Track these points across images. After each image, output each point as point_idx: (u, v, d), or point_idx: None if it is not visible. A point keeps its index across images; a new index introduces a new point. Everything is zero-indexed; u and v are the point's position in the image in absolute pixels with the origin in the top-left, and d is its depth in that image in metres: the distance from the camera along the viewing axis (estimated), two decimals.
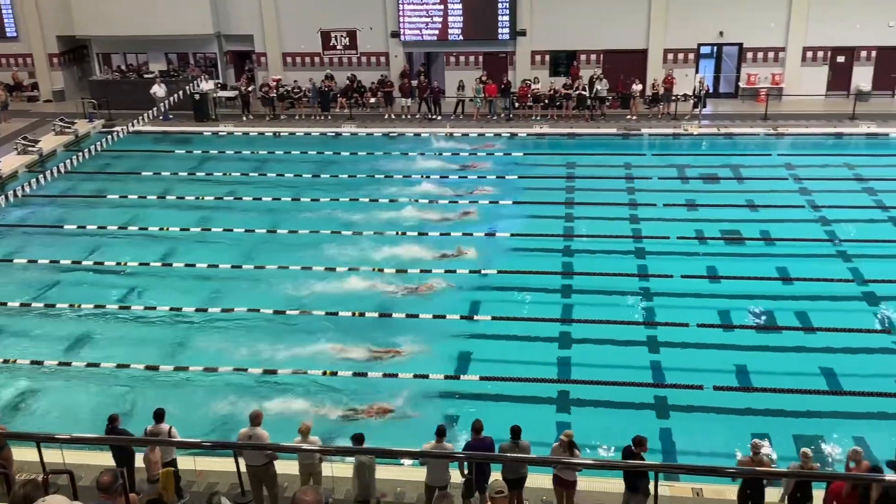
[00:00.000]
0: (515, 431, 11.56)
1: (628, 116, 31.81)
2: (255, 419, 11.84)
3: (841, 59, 32.66)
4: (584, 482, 12.02)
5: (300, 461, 11.98)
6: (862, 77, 32.47)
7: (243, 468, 11.87)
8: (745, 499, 11.41)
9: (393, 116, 33.12)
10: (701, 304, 18.58)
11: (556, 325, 17.97)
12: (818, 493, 11.23)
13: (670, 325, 17.65)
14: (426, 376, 15.98)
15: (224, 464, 12.52)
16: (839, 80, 32.82)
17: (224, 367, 16.45)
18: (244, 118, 33.34)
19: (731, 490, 11.98)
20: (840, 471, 12.00)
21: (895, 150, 28.20)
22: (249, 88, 33.75)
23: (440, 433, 11.44)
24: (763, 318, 18.06)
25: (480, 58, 34.24)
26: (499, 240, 22.24)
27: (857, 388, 15.19)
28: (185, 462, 12.36)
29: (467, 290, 19.56)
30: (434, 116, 32.80)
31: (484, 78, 32.72)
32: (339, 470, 12.10)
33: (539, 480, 12.21)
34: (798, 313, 18.06)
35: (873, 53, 32.38)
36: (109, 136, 31.09)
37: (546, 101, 32.41)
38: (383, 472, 12.18)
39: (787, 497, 11.39)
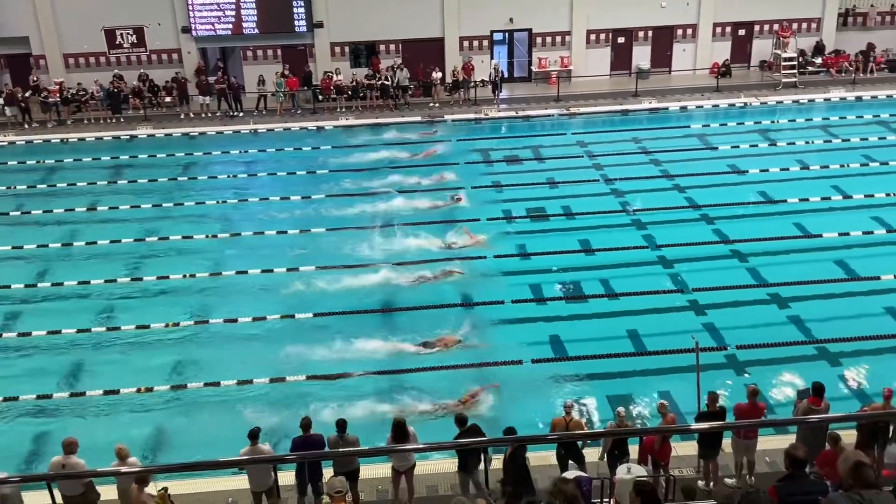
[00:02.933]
0: (341, 425, 11.55)
1: (431, 104, 32.41)
2: (69, 447, 11.09)
3: (621, 40, 34.86)
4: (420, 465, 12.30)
5: (118, 486, 11.33)
6: (641, 56, 34.83)
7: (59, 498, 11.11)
8: (565, 460, 12.08)
9: (192, 115, 31.91)
10: (514, 281, 19.34)
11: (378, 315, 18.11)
12: (634, 448, 12.09)
13: (487, 304, 18.25)
14: None
15: None
16: (621, 60, 35.03)
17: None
18: (25, 126, 30.93)
19: (549, 455, 12.59)
20: (654, 425, 12.91)
21: (675, 122, 30.52)
22: (27, 94, 31.30)
23: (253, 436, 11.23)
24: (571, 288, 19.07)
25: (279, 51, 33.64)
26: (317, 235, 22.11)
27: (660, 346, 16.41)
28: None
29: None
30: (235, 113, 31.90)
31: (285, 72, 32.21)
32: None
33: (373, 471, 12.30)
34: (602, 281, 19.22)
35: (649, 33, 34.79)
36: None
37: (349, 92, 32.39)
38: None
39: (605, 454, 12.16)
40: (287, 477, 11.73)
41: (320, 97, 32.37)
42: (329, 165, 26.95)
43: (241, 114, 31.87)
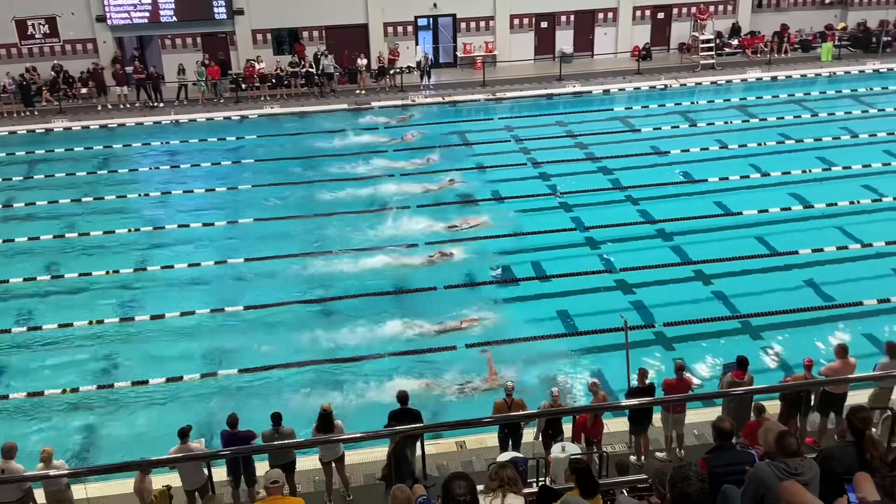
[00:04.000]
0: (276, 418, 11.46)
1: (357, 91, 32.17)
2: (9, 452, 10.72)
3: (544, 24, 35.16)
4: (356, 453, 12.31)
5: (45, 489, 11.04)
6: (564, 40, 35.20)
7: None
8: (505, 440, 12.23)
9: (109, 107, 30.98)
10: (448, 267, 19.38)
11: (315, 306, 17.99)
12: (568, 427, 12.30)
13: (420, 291, 18.28)
14: None
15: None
16: (545, 44, 35.33)
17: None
18: None
19: (490, 437, 12.75)
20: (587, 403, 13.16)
21: (598, 106, 30.93)
22: None
23: (183, 434, 11.07)
24: (501, 272, 19.23)
25: (199, 39, 32.87)
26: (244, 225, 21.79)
27: (590, 326, 16.69)
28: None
29: None
30: (156, 104, 31.10)
31: (206, 60, 31.55)
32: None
33: (309, 462, 12.24)
34: (533, 263, 19.43)
35: (572, 18, 35.16)
36: None
37: (273, 80, 31.91)
38: None
39: (540, 434, 12.34)
40: (220, 473, 11.58)
41: (243, 86, 31.80)
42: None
43: (162, 104, 31.09)
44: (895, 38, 35.42)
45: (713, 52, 34.00)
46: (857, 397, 12.66)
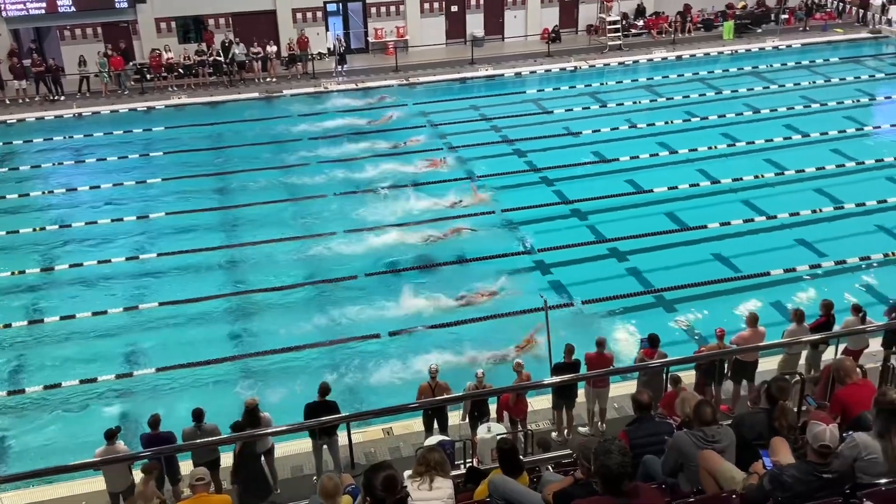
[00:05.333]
0: (197, 414, 11.26)
1: (268, 79, 31.62)
2: None
3: (455, 8, 35.19)
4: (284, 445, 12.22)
5: None
6: (475, 24, 35.30)
7: None
8: (431, 424, 12.31)
9: (7, 102, 29.67)
10: (364, 257, 19.30)
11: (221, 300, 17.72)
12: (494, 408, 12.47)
13: (340, 281, 18.20)
14: None
15: None
16: (456, 28, 35.38)
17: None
18: None
19: (416, 423, 12.81)
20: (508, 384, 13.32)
21: (511, 89, 31.19)
22: None
23: (109, 436, 10.81)
24: (421, 258, 19.24)
25: (99, 29, 31.72)
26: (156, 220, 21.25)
27: (511, 308, 16.88)
28: None
29: None
30: (56, 97, 29.93)
31: (108, 51, 30.49)
32: None
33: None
34: (451, 247, 19.52)
35: (481, 1, 35.28)
36: None
37: (180, 70, 31.09)
38: None
39: (467, 415, 12.47)
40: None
41: (148, 76, 30.88)
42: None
43: (63, 97, 29.94)
44: (793, 15, 36.80)
45: (620, 34, 34.65)
46: (767, 364, 13.22)
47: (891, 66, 32.27)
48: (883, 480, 5.69)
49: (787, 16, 36.79)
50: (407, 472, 6.67)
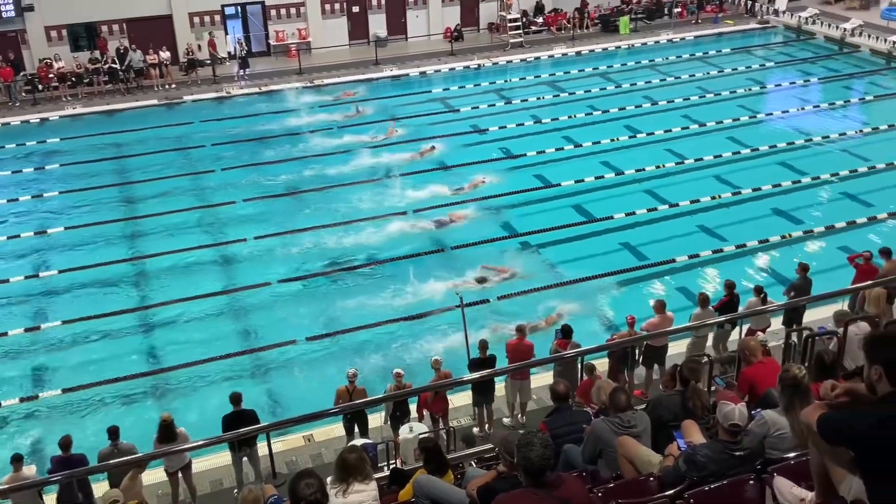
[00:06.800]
0: (113, 432, 10.92)
1: (167, 85, 30.80)
2: None
3: (356, 9, 35.02)
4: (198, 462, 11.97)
5: None
6: (377, 24, 35.21)
7: None
8: (351, 427, 12.25)
9: None
10: (279, 261, 19.05)
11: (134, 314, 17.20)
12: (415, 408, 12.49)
13: (251, 288, 17.89)
14: None
15: None
16: (358, 29, 35.21)
17: None
18: None
19: (337, 428, 12.74)
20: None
21: (416, 88, 31.20)
22: None
23: (15, 460, 10.43)
24: (333, 261, 19.11)
25: None
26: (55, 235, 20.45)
27: (428, 307, 16.91)
28: None
29: None
30: None
31: None
32: None
33: (152, 476, 11.74)
34: (365, 249, 19.42)
35: (383, 2, 35.20)
36: None
37: (73, 79, 29.99)
38: None
39: (388, 417, 12.46)
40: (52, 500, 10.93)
41: (40, 86, 29.66)
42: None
43: None
44: (685, 8, 38.02)
45: (520, 31, 35.12)
46: (677, 348, 13.66)
47: (779, 55, 33.71)
48: (792, 454, 5.94)
49: (679, 9, 38.00)
50: (329, 478, 6.62)
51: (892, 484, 4.04)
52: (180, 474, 11.41)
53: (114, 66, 30.26)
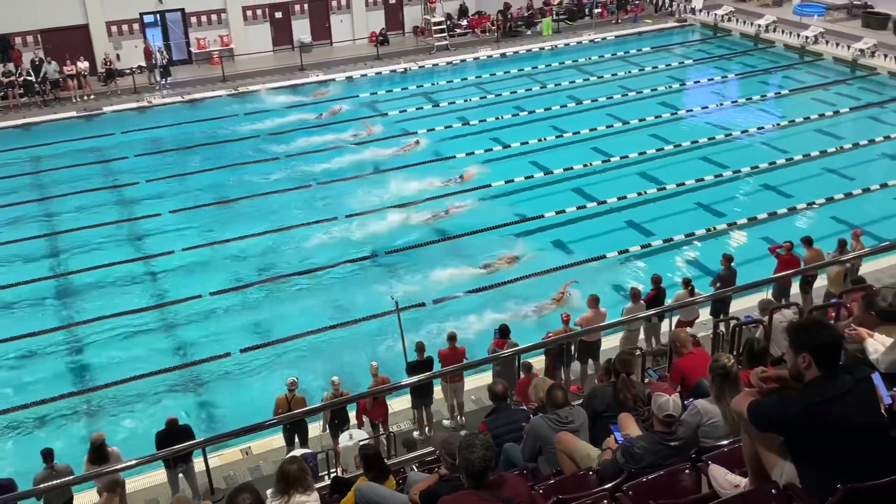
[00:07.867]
0: (47, 454, 10.66)
1: (85, 97, 29.96)
2: None
3: (279, 14, 34.65)
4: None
5: None
6: (301, 30, 34.92)
7: None
8: (291, 437, 12.12)
9: None
10: (211, 271, 18.73)
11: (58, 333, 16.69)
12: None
13: (182, 301, 17.55)
14: None
15: None
16: (282, 34, 34.84)
17: None
18: None
19: (276, 439, 12.58)
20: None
21: (343, 93, 30.93)
22: None
23: None
24: (263, 271, 18.88)
25: None
26: None
27: (364, 313, 16.82)
28: None
29: None
30: None
31: None
32: None
33: (87, 497, 11.43)
34: (297, 254, 19.23)
35: (306, 7, 34.93)
36: None
37: None
38: None
39: (327, 424, 12.38)
40: None
41: None
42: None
43: None
44: (605, 9, 38.71)
45: (446, 34, 35.26)
46: (610, 342, 13.89)
47: (697, 52, 34.60)
48: (724, 441, 6.10)
49: (599, 10, 38.66)
50: (269, 490, 6.54)
51: (822, 467, 4.19)
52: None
53: (29, 78, 29.31)
